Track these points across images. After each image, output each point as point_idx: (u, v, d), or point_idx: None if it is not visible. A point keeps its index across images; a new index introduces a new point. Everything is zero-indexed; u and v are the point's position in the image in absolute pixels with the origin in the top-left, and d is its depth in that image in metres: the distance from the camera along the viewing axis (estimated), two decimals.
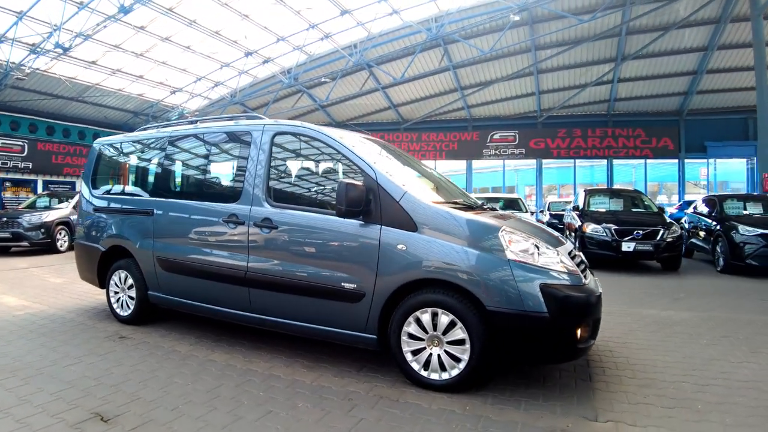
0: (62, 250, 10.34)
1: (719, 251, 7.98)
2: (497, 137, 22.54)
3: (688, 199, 17.70)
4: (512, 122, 22.53)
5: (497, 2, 14.95)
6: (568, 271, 2.79)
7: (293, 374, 3.07)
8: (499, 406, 2.62)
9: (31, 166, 18.72)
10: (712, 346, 3.79)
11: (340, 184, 2.89)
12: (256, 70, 19.59)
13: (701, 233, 9.02)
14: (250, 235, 3.39)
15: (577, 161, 22.57)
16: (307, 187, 3.63)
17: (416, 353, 2.85)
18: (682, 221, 10.04)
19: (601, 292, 2.94)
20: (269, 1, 14.38)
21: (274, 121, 3.70)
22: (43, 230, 10.10)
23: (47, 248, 10.21)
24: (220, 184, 4.06)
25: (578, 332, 2.68)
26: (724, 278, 7.28)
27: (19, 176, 18.64)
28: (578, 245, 8.16)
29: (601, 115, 21.62)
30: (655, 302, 5.48)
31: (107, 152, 4.90)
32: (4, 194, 18.14)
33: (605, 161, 21.87)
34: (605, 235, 8.02)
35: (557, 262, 2.79)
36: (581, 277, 2.85)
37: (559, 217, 14.44)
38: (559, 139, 21.80)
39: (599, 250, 7.98)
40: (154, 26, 14.85)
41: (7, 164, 18.06)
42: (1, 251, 10.32)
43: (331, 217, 3.11)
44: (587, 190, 10.39)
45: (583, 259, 3.33)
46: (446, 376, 2.76)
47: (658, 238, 7.78)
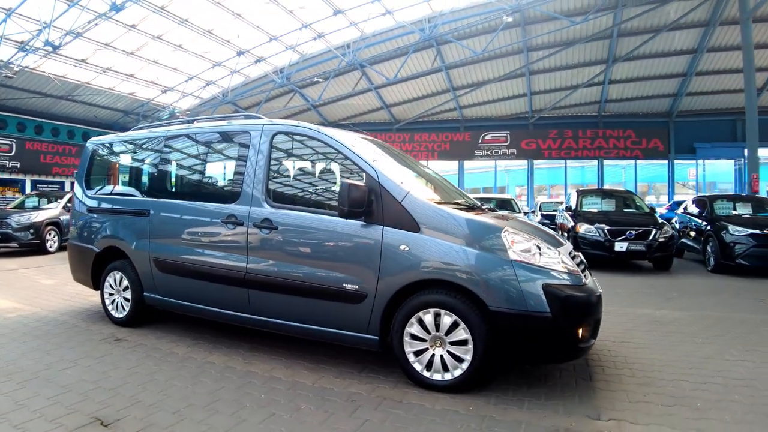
0: (52, 250, 10.18)
1: (710, 251, 8.10)
2: (489, 138, 22.68)
3: (677, 199, 17.95)
4: (504, 123, 22.69)
5: (490, 3, 15.03)
6: (569, 271, 2.81)
7: (294, 376, 3.05)
8: (502, 405, 2.63)
9: (19, 165, 18.42)
10: (707, 344, 3.84)
11: (342, 184, 2.88)
12: (248, 69, 19.48)
13: (692, 233, 9.14)
14: (249, 235, 3.36)
15: (567, 162, 22.79)
16: (307, 187, 3.61)
17: (418, 354, 2.85)
18: (672, 221, 10.16)
19: (601, 292, 2.97)
20: (262, 0, 14.31)
21: (273, 121, 3.67)
22: (32, 231, 9.93)
23: (36, 249, 10.04)
24: (218, 184, 4.02)
25: (580, 332, 2.70)
26: (715, 278, 7.38)
27: (6, 176, 18.34)
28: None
29: (592, 116, 21.84)
30: (648, 302, 5.54)
31: (101, 152, 4.83)
32: None
33: (596, 162, 22.10)
34: (598, 235, 8.09)
35: (558, 262, 2.80)
36: (582, 277, 2.88)
37: (550, 217, 14.53)
38: (550, 139, 22.00)
39: (592, 250, 8.04)
40: (145, 24, 14.70)
41: None
42: None
43: (332, 217, 3.09)
44: (579, 190, 10.47)
45: (582, 259, 3.36)
46: (449, 376, 2.77)
47: (650, 238, 7.87)
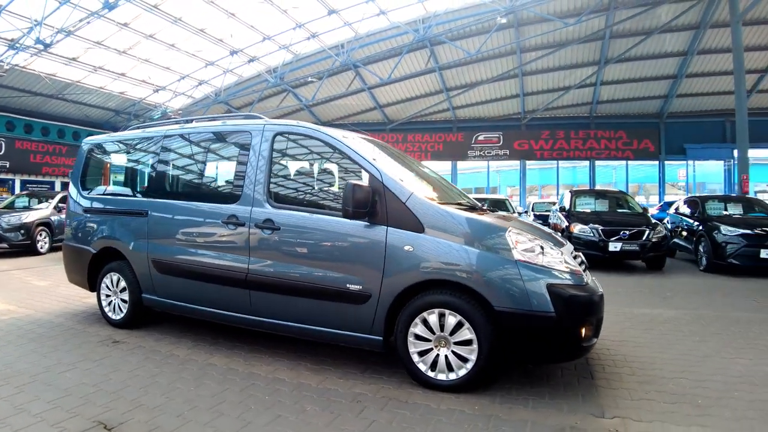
0: (43, 251, 10.03)
1: (702, 251, 8.20)
2: (482, 138, 22.79)
3: (667, 200, 18.18)
4: (497, 124, 22.82)
5: (484, 5, 15.10)
6: (571, 271, 2.83)
7: (298, 377, 3.03)
8: (507, 405, 2.64)
9: (8, 165, 18.15)
10: (704, 343, 3.89)
11: (347, 185, 2.87)
12: (241, 69, 19.38)
13: (684, 233, 9.26)
14: (251, 236, 3.34)
15: (559, 162, 22.96)
16: (309, 187, 3.59)
17: (423, 354, 2.85)
18: (664, 221, 10.28)
19: (602, 291, 2.99)
20: None
21: (274, 121, 3.66)
22: (22, 231, 9.76)
23: (27, 250, 9.88)
24: (218, 184, 3.99)
25: (583, 331, 2.73)
26: (707, 277, 7.48)
27: None
28: None
29: (583, 117, 22.04)
30: (644, 301, 5.60)
31: (97, 152, 4.77)
32: None
33: (587, 162, 22.31)
34: (592, 235, 8.16)
35: (561, 262, 2.83)
36: (584, 276, 2.90)
37: (543, 218, 14.62)
38: (542, 140, 22.17)
39: (586, 250, 8.09)
40: (138, 23, 14.55)
41: None
42: None
43: (334, 218, 3.09)
44: (573, 191, 10.56)
45: (583, 259, 3.39)
46: (453, 376, 2.77)
47: (644, 238, 7.96)
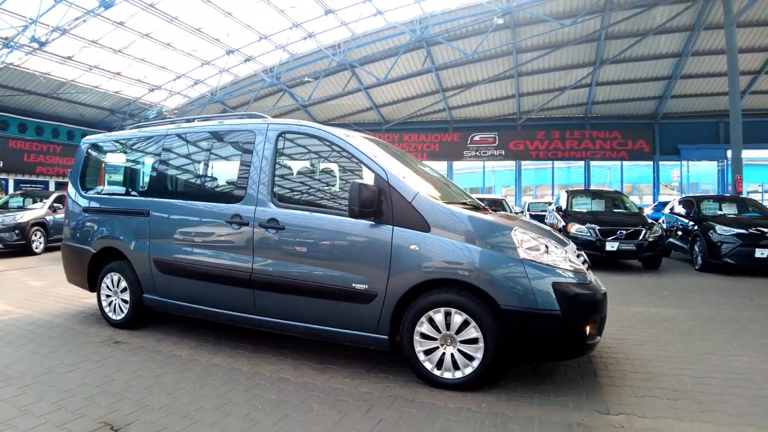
0: (38, 251, 9.95)
1: (697, 250, 8.28)
2: (477, 139, 22.87)
3: (661, 200, 18.33)
4: (492, 124, 22.90)
5: (481, 5, 15.15)
6: (575, 269, 2.86)
7: (303, 377, 3.03)
8: (513, 402, 2.66)
9: (1, 164, 17.98)
10: (702, 341, 3.94)
11: (353, 184, 2.88)
12: (237, 68, 19.32)
13: (679, 233, 9.34)
14: (255, 236, 3.33)
15: (554, 163, 23.08)
16: (313, 187, 3.59)
17: (428, 353, 2.86)
18: (659, 221, 10.36)
19: (605, 290, 3.02)
20: None
21: (278, 120, 3.65)
22: (17, 231, 9.67)
23: (22, 250, 9.79)
24: (222, 184, 3.97)
25: (587, 329, 2.75)
26: (703, 276, 7.55)
27: None
28: None
29: (578, 117, 22.17)
30: (641, 300, 5.64)
31: (97, 151, 4.73)
32: None
33: (581, 162, 22.45)
34: (589, 235, 8.21)
35: (566, 260, 2.85)
36: (587, 275, 2.93)
37: (539, 218, 14.67)
38: (537, 140, 22.28)
39: (584, 249, 8.11)
40: (134, 22, 14.46)
41: None
42: None
43: (340, 217, 3.09)
44: (569, 191, 10.62)
45: (586, 258, 3.42)
46: (459, 374, 2.79)
47: (640, 237, 8.03)
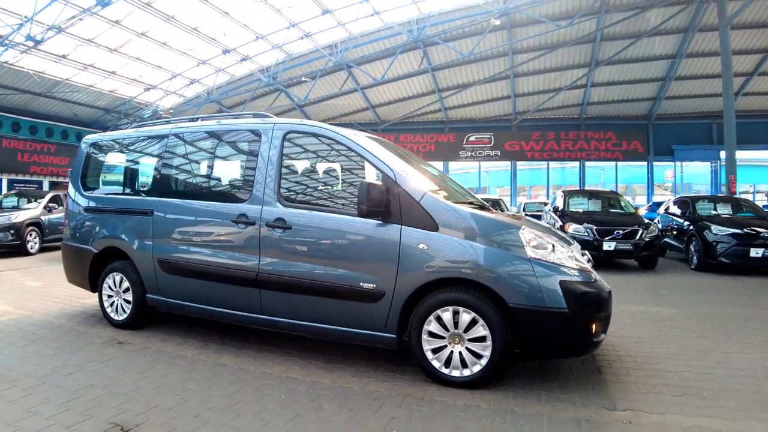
0: (33, 252, 9.87)
1: (693, 250, 8.37)
2: (473, 139, 22.96)
3: (655, 200, 18.51)
4: (488, 125, 23.00)
5: (477, 6, 15.22)
6: (581, 268, 2.90)
7: (311, 376, 3.04)
8: (521, 399, 2.69)
9: None
10: (703, 338, 3.99)
11: (362, 184, 2.89)
12: (233, 68, 19.25)
13: (674, 233, 9.44)
14: (261, 235, 3.33)
15: (549, 163, 23.22)
16: (320, 187, 3.60)
17: (436, 351, 2.88)
18: (655, 221, 10.46)
19: (610, 288, 3.05)
20: None
21: (284, 119, 3.66)
22: (12, 231, 9.58)
23: (16, 250, 9.70)
24: (227, 183, 3.96)
25: (593, 327, 2.79)
26: (699, 276, 7.64)
27: None
28: None
29: (573, 118, 22.32)
30: (640, 299, 5.69)
31: (98, 150, 4.70)
32: None
33: (575, 163, 22.61)
34: (587, 234, 8.26)
35: (572, 259, 2.89)
36: (592, 273, 2.96)
37: (535, 218, 14.74)
38: (533, 141, 22.41)
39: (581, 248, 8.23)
40: (130, 20, 14.35)
41: None
42: None
43: (347, 216, 3.10)
44: (566, 191, 10.69)
45: (590, 257, 3.46)
46: (468, 372, 2.81)
47: (637, 237, 8.10)
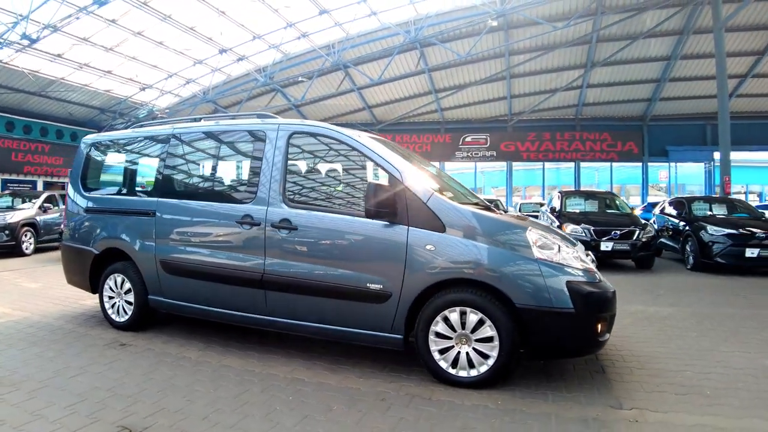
0: (28, 252, 9.77)
1: (689, 250, 8.45)
2: (469, 140, 23.02)
3: (650, 200, 18.66)
4: (484, 125, 23.06)
5: (475, 7, 15.27)
6: (586, 268, 2.92)
7: (317, 377, 3.04)
8: (528, 399, 2.71)
9: None
10: (702, 338, 4.03)
11: (369, 185, 2.90)
12: (230, 68, 19.18)
13: (670, 233, 9.52)
14: (267, 236, 3.32)
15: (544, 163, 23.34)
16: (326, 187, 3.60)
17: (443, 352, 2.89)
18: (651, 222, 10.54)
19: (614, 289, 3.08)
20: None
21: (289, 120, 3.66)
22: (7, 232, 9.48)
23: (11, 251, 9.60)
24: (232, 184, 3.95)
25: (599, 327, 2.81)
26: (695, 275, 7.71)
27: None
28: None
29: (569, 119, 22.43)
30: (638, 299, 5.74)
31: (98, 150, 4.67)
32: None
33: (570, 164, 22.73)
34: (584, 235, 8.31)
35: (577, 259, 2.91)
36: (596, 274, 2.99)
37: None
38: (528, 142, 22.51)
39: None
40: (126, 20, 14.25)
41: None
42: None
43: (353, 217, 3.10)
44: (563, 192, 10.75)
45: (593, 258, 3.48)
46: (475, 372, 2.82)
47: (634, 237, 8.17)
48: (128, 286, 4.05)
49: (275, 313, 3.35)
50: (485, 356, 2.81)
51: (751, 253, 7.55)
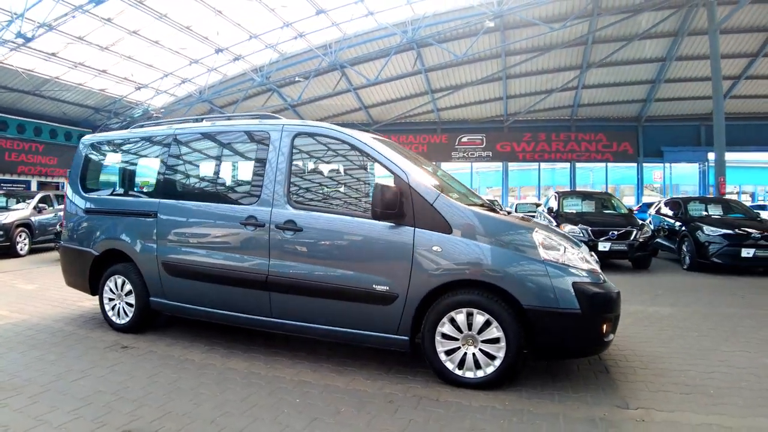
0: (23, 253, 9.68)
1: (685, 250, 8.50)
2: (465, 140, 23.10)
3: (645, 201, 18.80)
4: (480, 126, 23.14)
5: (472, 8, 15.31)
6: (591, 269, 2.94)
7: (323, 379, 3.03)
8: (535, 399, 2.72)
9: None
10: (703, 337, 4.07)
11: (376, 186, 2.90)
12: (226, 67, 19.10)
13: (666, 233, 9.59)
14: (271, 238, 3.31)
15: (540, 164, 23.44)
16: (331, 189, 3.59)
17: (450, 353, 2.89)
18: (647, 222, 10.61)
19: (618, 290, 3.10)
20: None
21: (293, 121, 3.64)
22: (1, 233, 9.39)
23: (6, 252, 9.50)
24: (235, 185, 3.93)
25: (604, 327, 2.83)
26: (692, 275, 7.77)
27: None
28: None
29: (564, 120, 22.56)
30: (637, 299, 5.77)
31: (97, 151, 4.63)
32: None
33: (565, 164, 22.86)
34: (582, 235, 8.34)
35: (582, 261, 2.93)
36: (600, 275, 3.01)
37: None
38: (524, 142, 22.62)
39: None
40: (121, 18, 14.14)
41: None
42: None
43: (359, 218, 3.10)
44: (560, 192, 10.80)
45: (597, 259, 3.50)
46: (481, 373, 2.83)
47: (631, 238, 8.21)
48: (129, 287, 4.01)
49: (280, 315, 3.33)
50: (491, 357, 2.81)
51: (747, 253, 7.62)
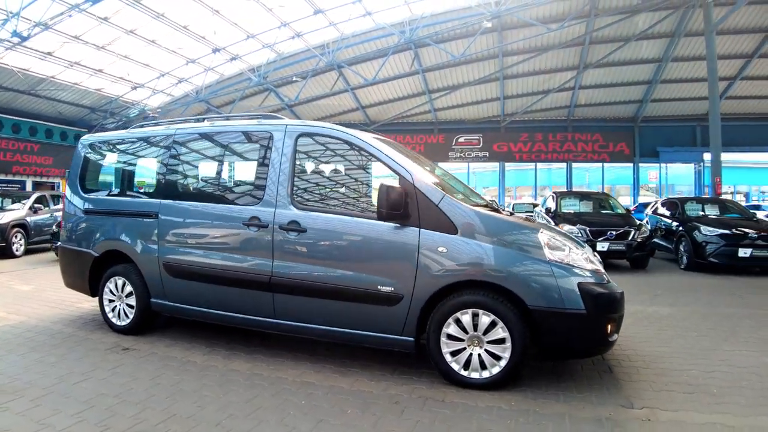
0: (18, 254, 9.60)
1: (683, 250, 8.55)
2: (462, 140, 23.11)
3: (641, 201, 18.89)
4: (477, 126, 23.15)
5: (470, 8, 15.32)
6: (595, 270, 2.95)
7: (327, 380, 3.02)
8: (540, 399, 2.73)
9: None
10: (703, 337, 4.09)
11: (380, 186, 2.89)
12: (223, 67, 19.01)
13: (663, 233, 9.64)
14: (275, 238, 3.29)
15: (536, 164, 23.50)
16: (334, 189, 3.58)
17: (455, 354, 2.89)
18: (644, 222, 10.66)
19: (622, 290, 3.11)
20: None
21: (296, 121, 3.63)
22: None
23: (1, 253, 9.42)
24: (238, 185, 3.91)
25: (608, 327, 2.84)
26: (689, 275, 7.81)
27: None
28: None
29: (561, 120, 22.62)
30: (636, 299, 5.78)
31: (97, 151, 4.60)
32: None
33: (562, 164, 22.92)
34: (581, 235, 8.37)
35: (587, 261, 2.94)
36: (604, 275, 3.01)
37: None
38: (521, 143, 22.65)
39: None
40: (118, 18, 14.04)
41: None
42: None
43: (363, 219, 3.09)
44: (557, 192, 10.83)
45: (600, 259, 3.51)
46: (487, 374, 2.83)
47: (629, 238, 8.25)
48: (129, 289, 3.99)
49: (283, 316, 3.32)
50: (497, 357, 2.81)
51: (743, 252, 7.68)
